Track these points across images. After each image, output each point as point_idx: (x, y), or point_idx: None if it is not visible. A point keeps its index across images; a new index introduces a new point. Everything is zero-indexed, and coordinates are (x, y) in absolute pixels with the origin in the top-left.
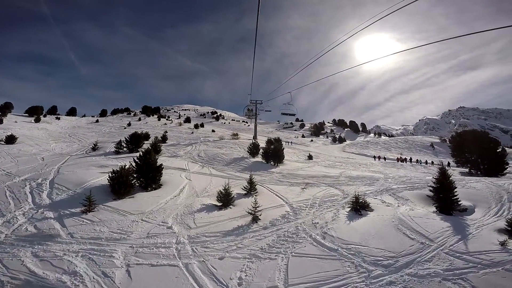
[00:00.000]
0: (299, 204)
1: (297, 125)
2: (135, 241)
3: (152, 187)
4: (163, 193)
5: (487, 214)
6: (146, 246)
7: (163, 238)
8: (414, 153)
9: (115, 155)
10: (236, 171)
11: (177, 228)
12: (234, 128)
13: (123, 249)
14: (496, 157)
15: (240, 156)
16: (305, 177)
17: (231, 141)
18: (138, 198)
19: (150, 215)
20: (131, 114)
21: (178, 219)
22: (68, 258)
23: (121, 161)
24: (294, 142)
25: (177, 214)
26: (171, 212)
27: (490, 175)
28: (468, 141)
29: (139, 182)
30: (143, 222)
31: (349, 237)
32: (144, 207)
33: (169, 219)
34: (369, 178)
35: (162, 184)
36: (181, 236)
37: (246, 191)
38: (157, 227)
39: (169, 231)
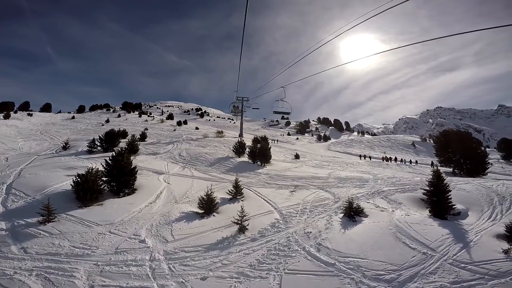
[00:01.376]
0: (289, 210)
1: (283, 123)
2: (101, 257)
3: (125, 193)
4: (137, 199)
5: (481, 218)
6: (114, 264)
7: (135, 254)
8: (396, 151)
9: (87, 154)
10: (221, 172)
11: (152, 242)
12: (219, 126)
13: (87, 267)
14: (478, 157)
15: (225, 156)
16: (294, 178)
17: (215, 139)
18: (107, 205)
19: (120, 226)
20: (111, 111)
21: (153, 230)
22: (20, 278)
23: (93, 161)
24: (280, 140)
25: (152, 224)
26: (145, 222)
27: (472, 175)
28: (452, 141)
29: (109, 187)
30: (111, 234)
31: (346, 248)
32: (113, 217)
33: (142, 230)
34: (358, 179)
35: (136, 189)
36: (156, 251)
37: (232, 195)
38: (128, 240)
39: (142, 246)
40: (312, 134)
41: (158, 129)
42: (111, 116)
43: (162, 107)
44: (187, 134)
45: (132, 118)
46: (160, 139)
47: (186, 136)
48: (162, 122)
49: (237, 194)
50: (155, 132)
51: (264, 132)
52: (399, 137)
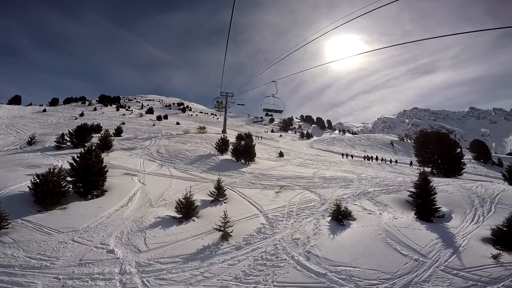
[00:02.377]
0: (275, 213)
1: (267, 120)
2: (62, 270)
3: (93, 195)
4: (106, 202)
5: (464, 221)
6: (78, 278)
7: (102, 267)
8: (376, 150)
9: (55, 151)
10: (202, 171)
11: (122, 252)
12: (201, 121)
13: (45, 281)
14: (455, 158)
15: (207, 153)
16: (279, 178)
17: (197, 135)
18: (71, 209)
19: (85, 234)
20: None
21: (124, 239)
22: None
23: (60, 159)
24: (264, 137)
25: (123, 231)
26: (115, 229)
27: (449, 175)
28: (430, 142)
29: (74, 188)
30: (74, 243)
31: (337, 256)
32: (78, 223)
33: (111, 239)
34: (343, 179)
35: (106, 191)
36: (127, 263)
37: (214, 197)
38: (94, 250)
39: (110, 257)
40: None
41: (136, 124)
42: (87, 109)
43: (142, 101)
44: (167, 129)
45: (109, 112)
46: (137, 134)
47: (166, 132)
48: (141, 116)
49: (219, 195)
50: (132, 126)
51: (248, 128)
52: (379, 136)
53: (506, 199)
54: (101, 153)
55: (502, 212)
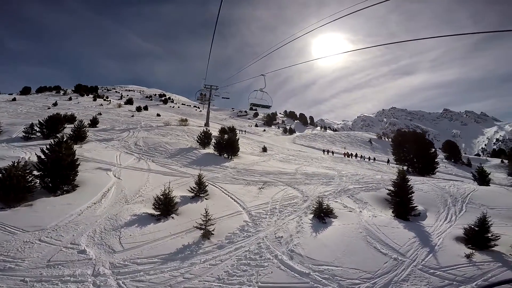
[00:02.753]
0: (258, 210)
1: (251, 114)
2: (29, 272)
3: (63, 190)
4: (78, 198)
5: (438, 219)
6: (46, 280)
7: (73, 268)
8: (355, 147)
9: (22, 142)
10: (182, 166)
11: (95, 253)
12: (183, 113)
13: (11, 283)
14: (430, 158)
15: (188, 147)
16: (262, 173)
17: (178, 127)
18: (38, 206)
19: (54, 233)
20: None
21: (97, 238)
22: None
23: (28, 150)
24: (248, 131)
25: (95, 230)
26: (87, 227)
27: (423, 174)
28: (408, 141)
29: (42, 183)
30: (41, 243)
31: (319, 255)
32: (45, 221)
33: (82, 238)
34: (324, 175)
35: (78, 186)
36: (101, 264)
37: (194, 193)
38: (64, 251)
39: (82, 257)
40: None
41: (113, 114)
42: (61, 99)
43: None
44: (147, 121)
45: (85, 102)
46: (114, 125)
47: (145, 123)
48: (119, 107)
49: (200, 191)
50: (110, 117)
51: (232, 122)
52: (358, 134)
53: (476, 199)
54: (74, 145)
55: (473, 212)
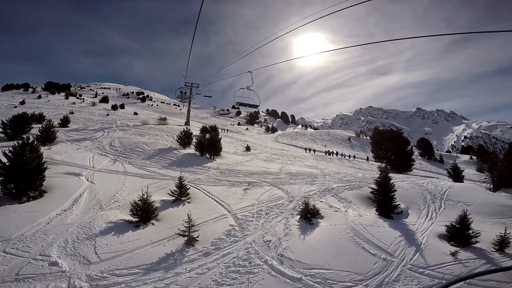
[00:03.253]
0: (244, 213)
1: (233, 112)
2: None
3: (29, 197)
4: (46, 205)
5: (420, 217)
6: None
7: (46, 282)
8: (335, 145)
9: None
10: (162, 167)
11: (68, 264)
12: (163, 111)
13: None
14: (406, 155)
15: (168, 147)
16: (246, 174)
17: (157, 126)
18: (1, 215)
19: (20, 244)
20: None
21: (69, 248)
22: None
23: None
24: (231, 130)
25: (67, 240)
26: (57, 237)
27: (400, 171)
28: (386, 139)
29: (4, 189)
30: (7, 255)
31: (310, 258)
32: (9, 230)
33: (53, 249)
34: (308, 174)
35: (46, 191)
36: (77, 277)
37: (175, 196)
38: (33, 263)
39: (54, 270)
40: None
41: (87, 113)
42: (29, 97)
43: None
44: (123, 119)
45: (57, 100)
46: (87, 125)
47: (121, 122)
48: (93, 105)
49: (182, 194)
50: (83, 116)
51: (213, 121)
52: (338, 132)
53: (453, 196)
54: (41, 147)
55: (451, 208)
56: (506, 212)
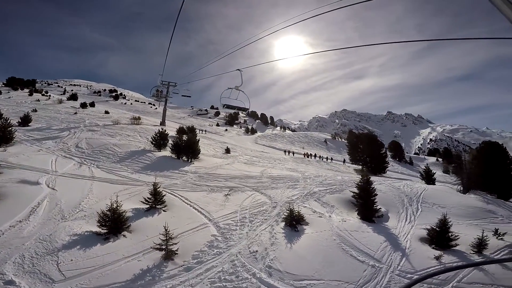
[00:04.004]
0: (227, 221)
1: (212, 113)
2: None
3: None
4: None
5: (400, 220)
6: None
7: None
8: (312, 147)
9: None
10: (134, 171)
11: (28, 283)
12: (137, 110)
13: None
14: (381, 158)
15: (141, 149)
16: (226, 178)
17: (129, 126)
18: None
19: None
20: None
21: (27, 265)
22: None
23: None
24: (209, 130)
25: (24, 255)
26: (12, 252)
27: (375, 173)
28: (362, 142)
29: None
30: None
31: (299, 269)
32: None
33: (7, 265)
34: (289, 178)
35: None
36: None
37: (149, 204)
38: None
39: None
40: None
41: (52, 111)
42: None
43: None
44: (92, 118)
45: (19, 96)
46: (52, 124)
47: (90, 122)
48: (60, 103)
49: (157, 202)
50: (47, 114)
51: (191, 121)
52: (314, 134)
53: (428, 198)
54: None
55: (428, 211)
56: (478, 213)
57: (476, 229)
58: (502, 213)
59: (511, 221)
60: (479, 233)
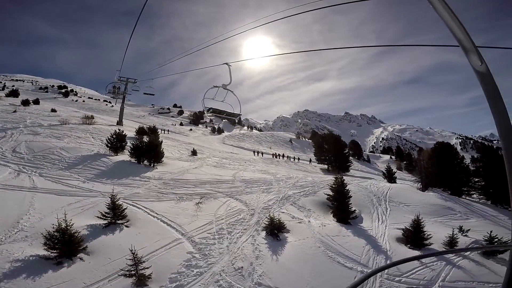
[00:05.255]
0: (202, 235)
1: (175, 111)
2: None
3: None
4: None
5: (373, 221)
6: None
7: None
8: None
9: None
10: (86, 180)
11: None
12: (90, 109)
13: None
14: (344, 157)
15: (94, 153)
16: (196, 184)
17: (80, 127)
18: None
19: None
20: None
21: None
22: None
23: None
24: (172, 130)
25: None
26: None
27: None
28: (327, 142)
29: None
30: None
31: (290, 283)
32: None
33: None
34: (263, 181)
35: None
36: None
37: (108, 219)
38: None
39: None
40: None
41: None
42: None
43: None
44: (35, 118)
45: None
46: None
47: (32, 122)
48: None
49: (117, 217)
50: None
51: (152, 120)
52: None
53: (394, 197)
54: None
55: (396, 210)
56: (439, 211)
57: (441, 226)
58: (459, 210)
59: (468, 217)
60: (445, 230)
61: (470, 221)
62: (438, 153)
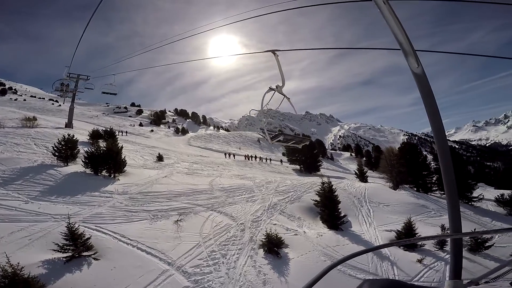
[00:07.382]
0: (194, 262)
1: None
2: None
3: None
4: None
5: (361, 225)
6: None
7: None
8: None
9: None
10: (29, 200)
11: None
12: (32, 108)
13: None
14: (315, 158)
15: (38, 164)
16: (169, 196)
17: (19, 131)
18: None
19: None
20: None
21: None
22: None
23: None
24: (131, 131)
25: None
26: None
27: (311, 172)
28: None
29: None
30: None
31: None
32: None
33: None
34: (243, 188)
35: None
36: None
37: (70, 251)
38: None
39: None
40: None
41: None
42: None
43: None
44: None
45: None
46: None
47: None
48: None
49: (81, 248)
50: None
51: (107, 120)
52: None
53: (372, 197)
54: None
55: (378, 211)
56: (416, 209)
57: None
58: (432, 207)
59: (441, 214)
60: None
61: (443, 217)
62: (405, 152)
